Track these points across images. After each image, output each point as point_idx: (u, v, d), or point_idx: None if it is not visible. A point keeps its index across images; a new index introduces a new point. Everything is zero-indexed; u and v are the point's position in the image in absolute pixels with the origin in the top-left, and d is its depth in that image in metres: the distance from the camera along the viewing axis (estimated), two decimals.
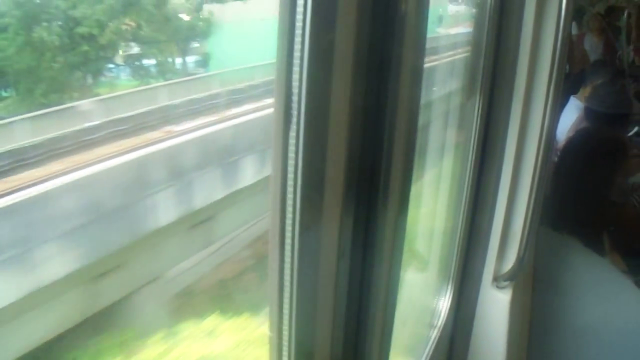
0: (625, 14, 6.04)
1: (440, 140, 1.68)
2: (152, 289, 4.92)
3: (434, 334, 1.60)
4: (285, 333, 0.64)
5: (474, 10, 1.52)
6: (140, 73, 7.50)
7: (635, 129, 2.89)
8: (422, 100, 0.82)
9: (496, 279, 1.62)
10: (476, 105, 1.46)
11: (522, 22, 1.40)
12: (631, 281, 1.78)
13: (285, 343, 0.64)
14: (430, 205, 1.72)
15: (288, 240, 0.59)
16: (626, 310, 1.72)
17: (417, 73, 0.74)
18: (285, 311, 0.63)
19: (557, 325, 1.77)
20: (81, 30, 6.44)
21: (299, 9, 0.52)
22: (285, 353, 0.65)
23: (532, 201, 1.50)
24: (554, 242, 1.85)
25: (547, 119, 1.45)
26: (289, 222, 0.58)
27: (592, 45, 5.34)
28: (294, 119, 0.54)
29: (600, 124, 2.49)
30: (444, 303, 1.64)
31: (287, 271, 0.61)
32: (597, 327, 1.72)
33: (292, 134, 0.55)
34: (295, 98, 0.54)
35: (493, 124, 1.48)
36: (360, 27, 0.59)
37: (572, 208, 1.92)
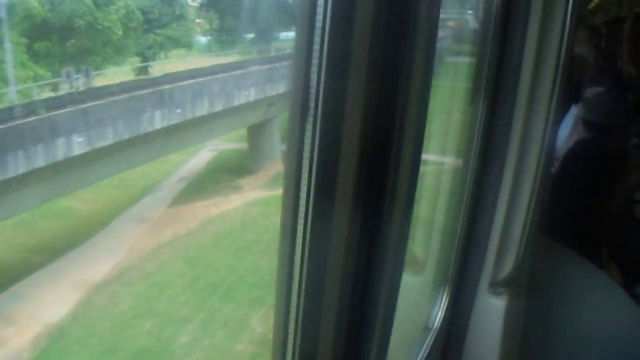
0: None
1: (442, 143, 1.69)
2: None
3: (428, 337, 1.60)
4: (291, 326, 0.64)
5: (479, 16, 1.52)
6: None
7: (635, 140, 2.87)
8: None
9: (493, 284, 1.61)
10: (479, 110, 1.47)
11: (527, 29, 1.41)
12: (627, 294, 1.77)
13: (290, 336, 0.65)
14: (430, 208, 1.72)
15: (299, 233, 0.60)
16: (621, 323, 1.72)
17: (427, 77, 0.75)
18: (293, 304, 0.63)
19: (550, 334, 1.77)
20: None
21: (318, 17, 0.54)
22: (289, 348, 0.66)
23: (531, 208, 1.50)
24: (551, 251, 1.85)
25: (549, 126, 1.46)
26: (301, 214, 0.59)
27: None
28: (311, 115, 0.55)
29: (600, 135, 2.48)
30: (439, 306, 1.64)
31: (296, 264, 0.61)
32: (590, 338, 1.72)
33: (308, 132, 0.56)
34: (312, 97, 0.54)
35: (495, 130, 1.49)
36: (376, 31, 0.60)
37: (571, 218, 1.91)
